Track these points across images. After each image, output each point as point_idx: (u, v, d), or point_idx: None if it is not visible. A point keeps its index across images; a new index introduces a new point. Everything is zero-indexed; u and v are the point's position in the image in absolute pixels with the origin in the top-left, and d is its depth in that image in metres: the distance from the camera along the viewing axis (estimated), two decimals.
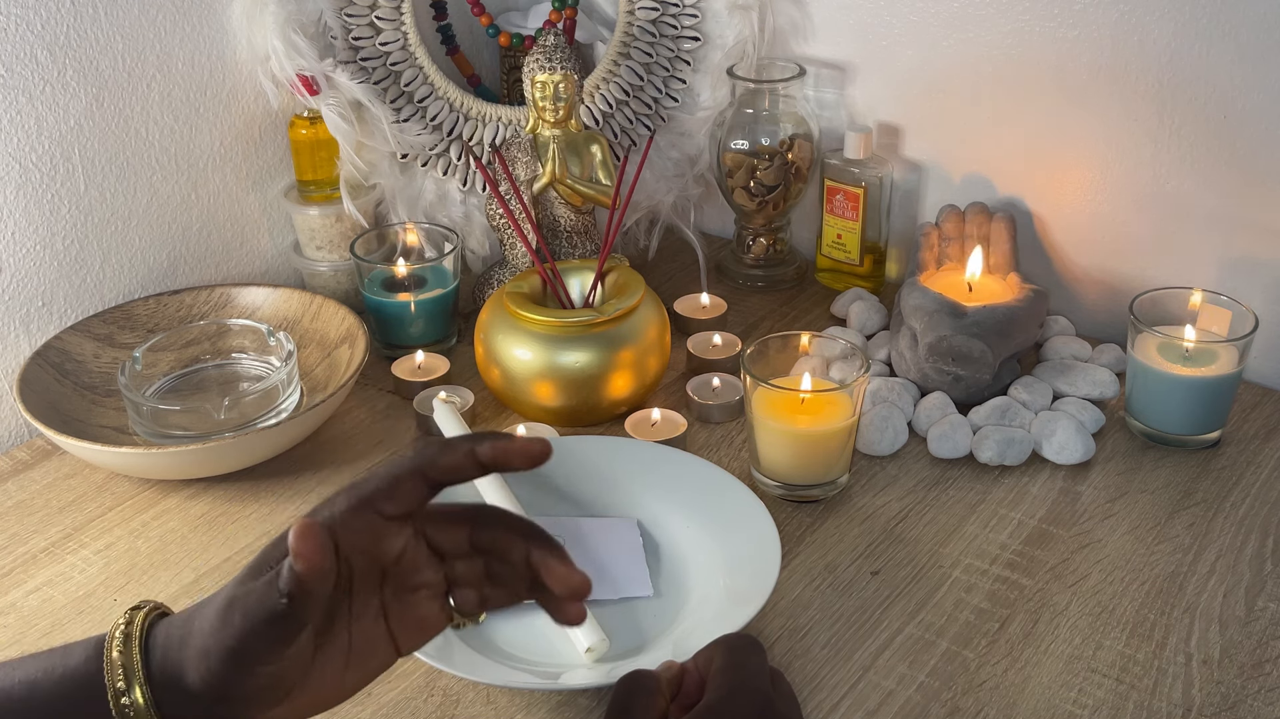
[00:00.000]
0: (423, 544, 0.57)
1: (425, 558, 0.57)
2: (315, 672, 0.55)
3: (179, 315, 1.06)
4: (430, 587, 0.57)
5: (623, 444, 0.93)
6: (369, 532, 0.55)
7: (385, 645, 0.57)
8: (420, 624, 0.58)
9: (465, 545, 0.58)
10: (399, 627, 0.57)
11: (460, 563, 0.58)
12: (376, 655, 0.57)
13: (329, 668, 0.55)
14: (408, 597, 0.57)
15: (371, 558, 0.55)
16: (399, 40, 1.14)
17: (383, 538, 0.55)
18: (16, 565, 0.86)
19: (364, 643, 0.56)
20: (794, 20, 1.21)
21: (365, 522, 0.54)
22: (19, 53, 0.95)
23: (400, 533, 0.56)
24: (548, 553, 0.57)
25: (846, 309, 1.15)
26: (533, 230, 1.06)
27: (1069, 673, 0.76)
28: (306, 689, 0.55)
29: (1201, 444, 0.96)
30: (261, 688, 0.53)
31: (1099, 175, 1.10)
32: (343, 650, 0.56)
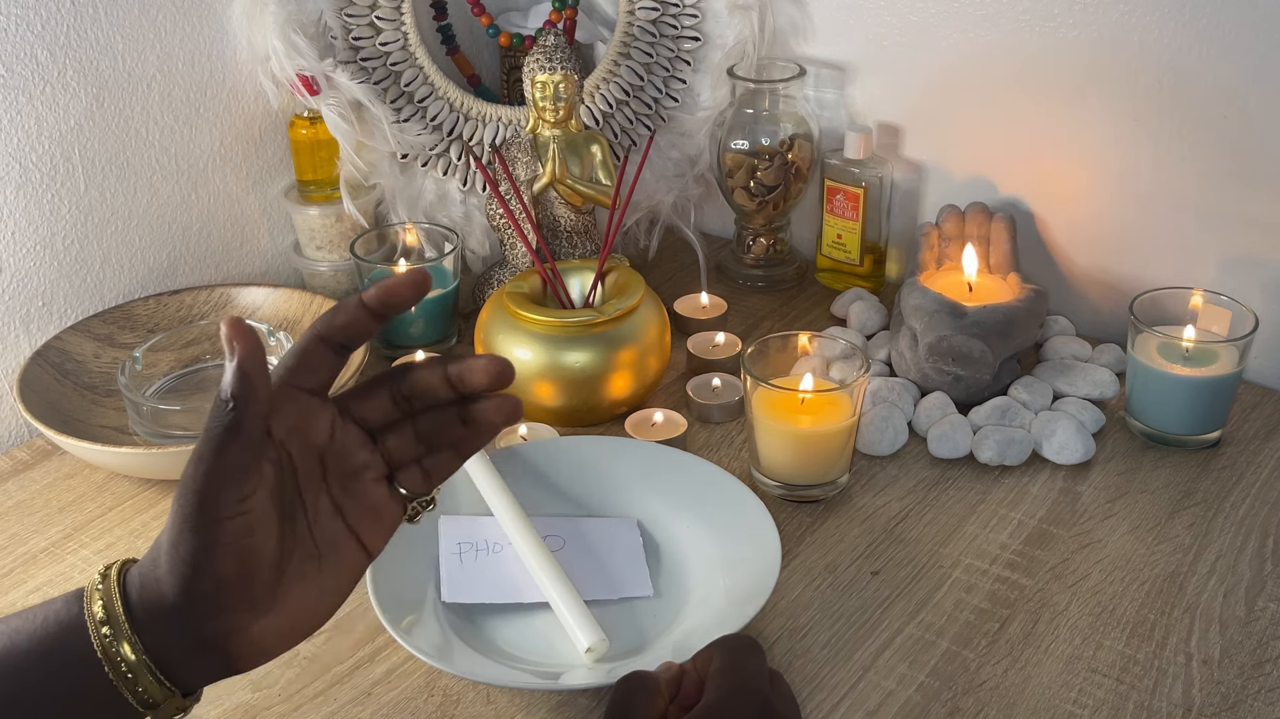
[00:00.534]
0: (350, 424, 0.58)
1: (356, 437, 0.58)
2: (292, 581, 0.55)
3: (179, 315, 1.06)
4: (370, 468, 0.58)
5: (623, 444, 0.93)
6: (293, 409, 0.56)
7: (351, 544, 0.58)
8: (375, 513, 0.58)
9: (390, 408, 0.59)
10: (356, 520, 0.58)
11: (391, 437, 0.59)
12: (347, 557, 0.58)
13: (305, 578, 0.56)
14: (352, 485, 0.58)
15: (304, 438, 0.56)
16: (399, 40, 1.15)
17: (308, 414, 0.56)
18: (16, 565, 0.86)
19: (330, 545, 0.57)
20: (794, 20, 1.21)
21: (287, 400, 0.56)
22: (19, 53, 0.95)
23: (323, 409, 0.57)
24: (461, 360, 0.58)
25: (846, 309, 1.15)
26: (533, 230, 1.06)
27: (1069, 673, 0.76)
28: (288, 600, 0.55)
29: (1201, 444, 0.96)
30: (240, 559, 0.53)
31: (1099, 175, 1.10)
32: (312, 555, 0.56)
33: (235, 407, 0.52)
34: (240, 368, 0.52)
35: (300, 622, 0.56)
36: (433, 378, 0.58)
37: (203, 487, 0.52)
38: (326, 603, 0.57)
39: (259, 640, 0.55)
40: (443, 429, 0.59)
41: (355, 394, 0.59)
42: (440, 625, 0.77)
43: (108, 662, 0.53)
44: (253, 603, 0.54)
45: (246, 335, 0.52)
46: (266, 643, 0.55)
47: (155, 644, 0.54)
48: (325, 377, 0.57)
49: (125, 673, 0.53)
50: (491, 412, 0.59)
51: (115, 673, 0.53)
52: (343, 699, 0.74)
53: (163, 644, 0.54)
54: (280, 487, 0.55)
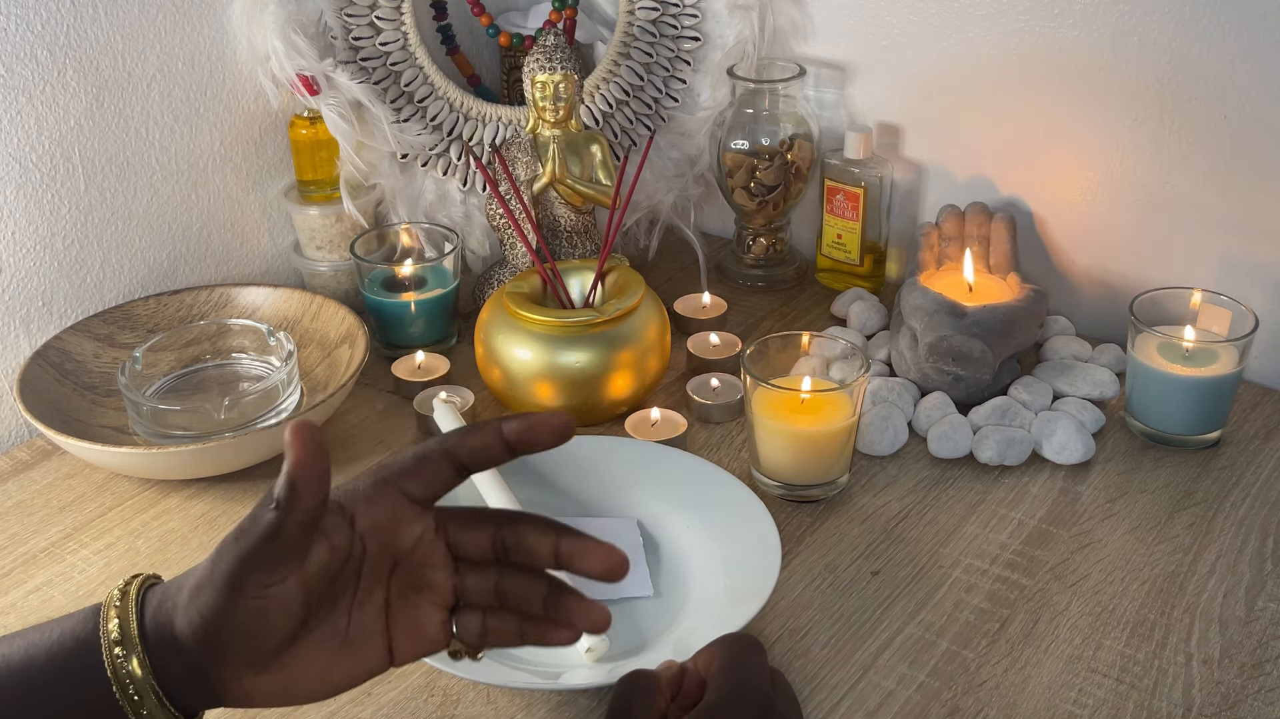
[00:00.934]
0: (441, 543, 0.56)
1: (440, 556, 0.56)
2: (305, 649, 0.55)
3: (179, 315, 1.06)
4: (437, 591, 0.56)
5: (623, 444, 0.93)
6: (388, 509, 0.55)
7: (380, 645, 0.56)
8: (419, 632, 0.57)
9: (486, 548, 0.57)
10: (398, 628, 0.56)
11: (474, 575, 0.57)
12: (369, 654, 0.56)
13: (320, 651, 0.55)
14: (413, 596, 0.56)
15: (386, 539, 0.55)
16: (399, 40, 1.14)
17: (401, 520, 0.55)
18: (16, 565, 0.86)
19: (360, 635, 0.56)
20: (794, 20, 1.21)
21: (386, 498, 0.55)
22: (19, 53, 0.95)
23: (419, 519, 0.56)
24: (579, 539, 0.56)
25: (846, 309, 1.15)
26: (533, 230, 1.06)
27: (1069, 673, 0.76)
28: (291, 665, 0.54)
29: (1201, 444, 0.97)
30: (246, 638, 0.53)
31: (1099, 175, 1.10)
32: (338, 636, 0.55)
33: (277, 511, 0.52)
34: (290, 476, 0.51)
35: (295, 689, 0.55)
36: (542, 542, 0.56)
37: (234, 562, 0.52)
38: (327, 684, 0.56)
39: (250, 692, 0.55)
40: (524, 597, 0.57)
41: (462, 516, 0.57)
42: None
43: (115, 679, 0.53)
44: (253, 665, 0.54)
45: (306, 443, 0.51)
46: (256, 696, 0.55)
47: (160, 667, 0.54)
48: (434, 490, 0.55)
49: (131, 692, 0.53)
50: (578, 613, 0.56)
51: (121, 691, 0.53)
52: (343, 699, 0.74)
53: (166, 669, 0.54)
54: (329, 573, 0.54)
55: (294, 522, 0.52)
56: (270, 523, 0.52)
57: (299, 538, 0.52)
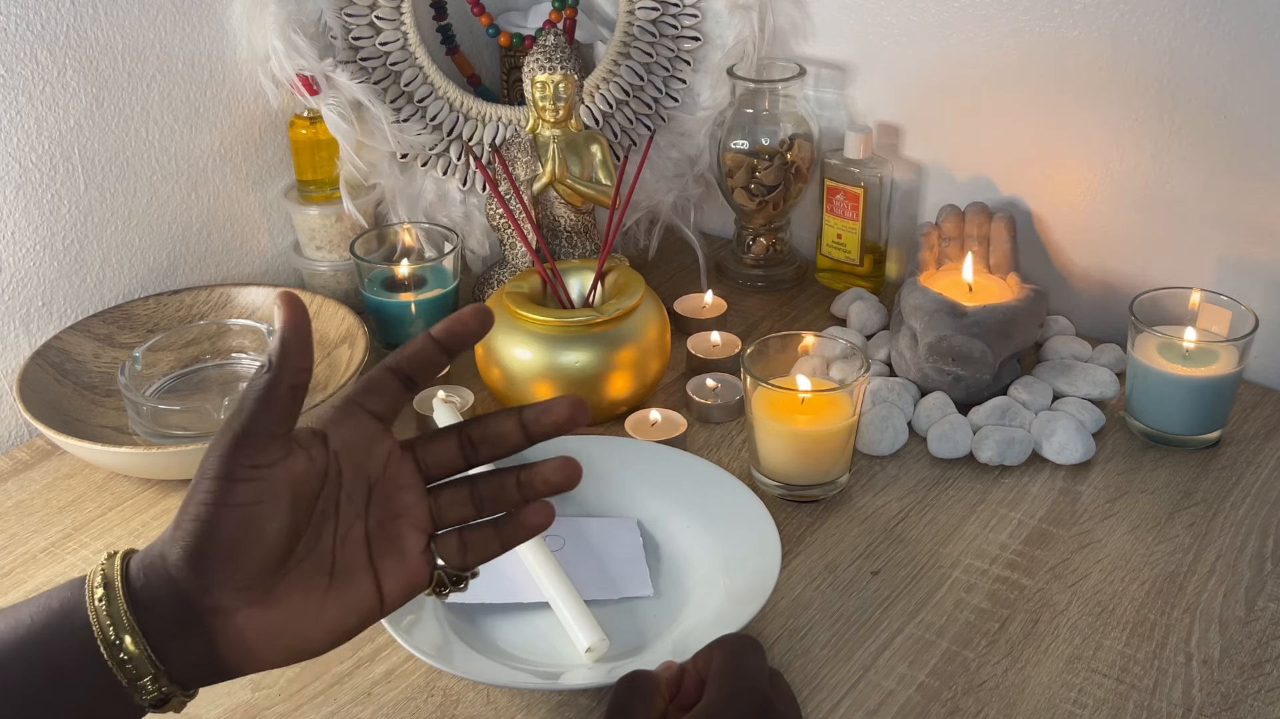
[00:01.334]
0: (409, 462, 0.59)
1: (410, 475, 0.59)
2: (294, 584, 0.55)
3: (179, 315, 1.06)
4: (414, 514, 0.59)
5: (623, 444, 0.93)
6: (354, 426, 0.57)
7: (367, 583, 0.58)
8: (401, 561, 0.58)
9: (455, 455, 0.59)
10: (381, 559, 0.58)
11: (446, 493, 0.59)
12: (358, 592, 0.57)
13: (309, 588, 0.56)
14: (391, 524, 0.58)
15: (359, 459, 0.57)
16: (399, 40, 1.15)
17: (368, 437, 0.58)
18: (16, 565, 0.86)
19: (346, 572, 0.57)
20: (794, 20, 1.21)
21: (350, 416, 0.57)
22: (19, 53, 0.95)
23: (383, 438, 0.58)
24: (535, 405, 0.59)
25: (846, 309, 1.15)
26: (533, 230, 1.06)
27: (1069, 673, 0.76)
28: (283, 601, 0.55)
29: (1201, 444, 0.96)
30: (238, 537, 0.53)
31: (1099, 175, 1.10)
32: (324, 572, 0.57)
33: (270, 371, 0.54)
34: (282, 336, 0.55)
35: (289, 633, 0.56)
36: (506, 423, 0.59)
37: (226, 445, 0.54)
38: (321, 629, 0.57)
39: (244, 631, 0.55)
40: (498, 493, 0.59)
41: (425, 437, 0.60)
42: (440, 625, 0.77)
43: (100, 633, 0.53)
44: (246, 581, 0.54)
45: (293, 309, 0.55)
46: (249, 636, 0.55)
47: (149, 619, 0.54)
48: (390, 403, 0.58)
49: (116, 645, 0.53)
50: (550, 470, 0.59)
51: (106, 645, 0.53)
52: (343, 699, 0.74)
53: (156, 623, 0.54)
54: (310, 485, 0.56)
55: (285, 383, 0.55)
56: (264, 384, 0.54)
57: (289, 402, 0.55)
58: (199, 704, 0.73)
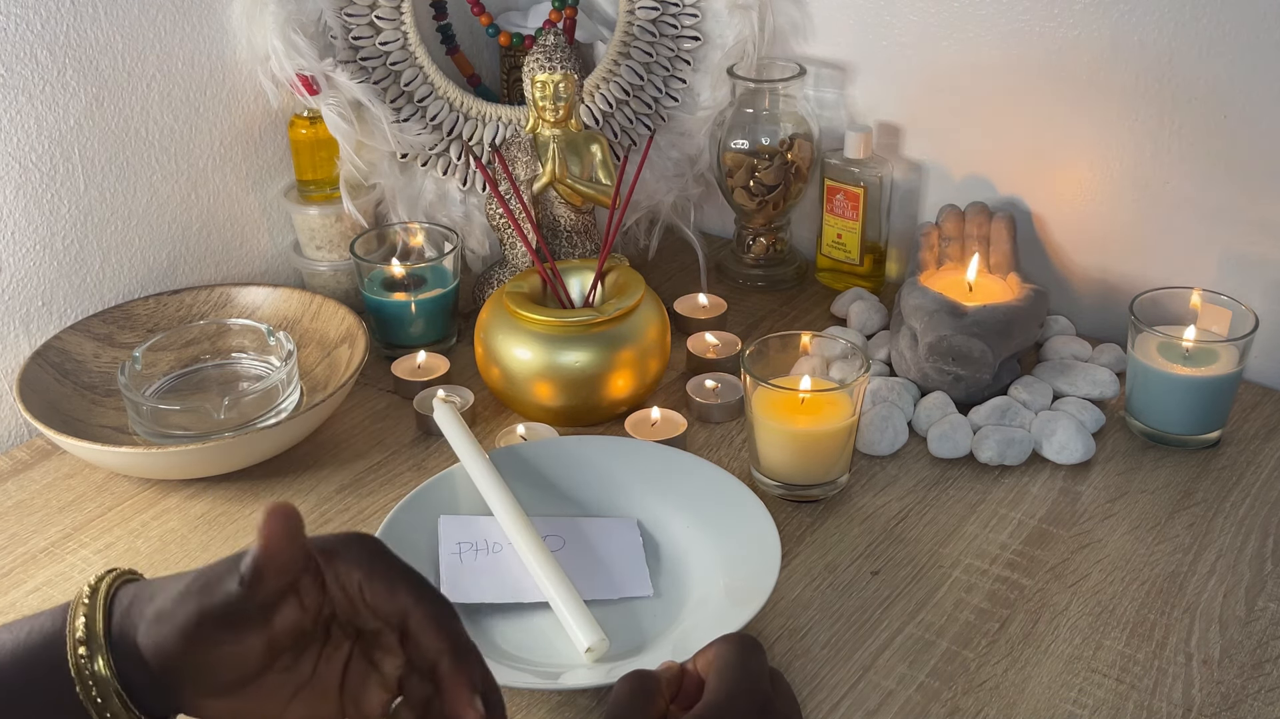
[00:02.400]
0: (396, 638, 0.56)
1: (393, 647, 0.56)
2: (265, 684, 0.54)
3: (179, 315, 1.06)
4: (384, 677, 0.56)
5: (623, 444, 0.93)
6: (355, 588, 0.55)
7: (334, 702, 0.56)
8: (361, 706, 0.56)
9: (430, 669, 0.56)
10: (349, 691, 0.56)
11: (415, 679, 0.56)
12: (326, 703, 0.56)
13: (279, 690, 0.55)
14: (366, 667, 0.56)
15: (352, 610, 0.55)
16: (399, 40, 1.14)
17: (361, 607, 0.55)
18: (16, 565, 0.86)
19: (321, 684, 0.56)
20: (794, 20, 1.21)
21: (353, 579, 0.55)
22: (19, 53, 0.95)
23: None
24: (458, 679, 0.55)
25: (846, 309, 1.15)
26: (533, 230, 1.06)
27: (1069, 673, 0.76)
28: (250, 696, 0.54)
29: (1201, 444, 0.96)
30: (204, 672, 0.52)
31: (1099, 175, 1.10)
32: (300, 682, 0.55)
33: (241, 588, 0.52)
34: (256, 562, 0.52)
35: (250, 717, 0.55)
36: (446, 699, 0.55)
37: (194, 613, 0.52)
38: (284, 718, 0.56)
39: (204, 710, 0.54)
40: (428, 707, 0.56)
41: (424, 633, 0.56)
42: None
43: (78, 678, 0.53)
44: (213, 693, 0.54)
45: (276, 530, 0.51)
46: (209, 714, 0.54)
47: (124, 670, 0.53)
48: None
49: (94, 692, 0.52)
50: None
51: (84, 690, 0.52)
52: None
53: (129, 672, 0.53)
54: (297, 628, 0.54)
55: (257, 602, 0.52)
56: (232, 597, 0.52)
57: (260, 614, 0.52)
58: None
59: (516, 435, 0.97)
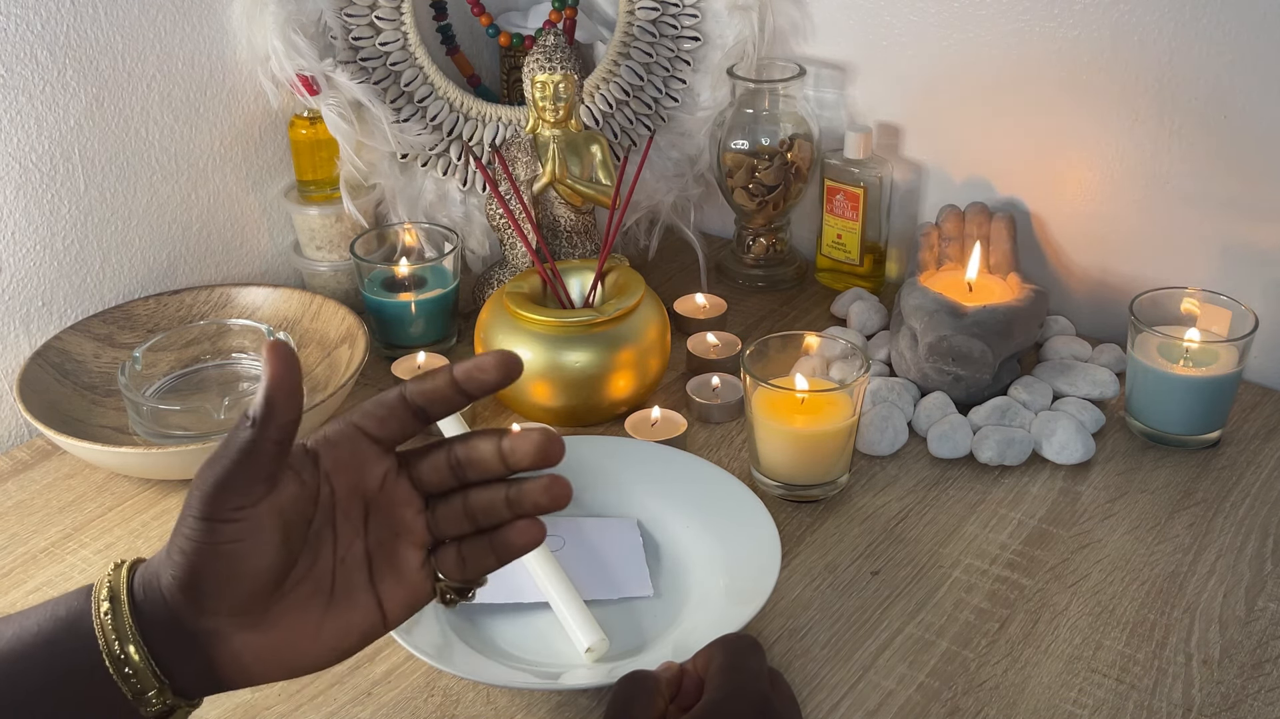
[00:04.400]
0: (404, 481, 0.58)
1: (407, 493, 0.58)
2: (290, 604, 0.55)
3: (179, 315, 1.06)
4: (411, 530, 0.58)
5: (623, 444, 0.93)
6: (350, 448, 0.56)
7: (368, 601, 0.57)
8: (401, 578, 0.57)
9: (446, 473, 0.58)
10: (381, 578, 0.57)
11: (442, 506, 0.58)
12: (358, 611, 0.57)
13: (307, 608, 0.55)
14: (390, 542, 0.57)
15: (353, 479, 0.56)
16: (399, 40, 1.15)
17: (364, 459, 0.56)
18: (16, 565, 0.86)
19: (346, 590, 0.56)
20: (794, 20, 1.21)
21: (347, 438, 0.56)
22: (19, 53, 0.95)
23: (381, 460, 0.57)
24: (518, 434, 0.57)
25: (846, 309, 1.15)
26: (533, 230, 1.06)
27: (1069, 673, 0.76)
28: (279, 622, 0.55)
29: (1201, 444, 0.96)
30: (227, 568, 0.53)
31: (1099, 175, 1.10)
32: (323, 592, 0.56)
33: (253, 428, 0.52)
34: (267, 394, 0.52)
35: (286, 652, 0.56)
36: (487, 447, 0.57)
37: (208, 487, 0.53)
38: (321, 647, 0.56)
39: (240, 653, 0.55)
40: (488, 505, 0.58)
41: (415, 453, 0.58)
42: (440, 625, 0.77)
43: (105, 646, 0.53)
44: (237, 610, 0.54)
45: (282, 361, 0.53)
46: (246, 658, 0.55)
47: (151, 636, 0.54)
48: (393, 432, 0.57)
49: (120, 659, 0.53)
50: (538, 491, 0.57)
51: (111, 658, 0.53)
52: (343, 699, 0.74)
53: (157, 637, 0.54)
54: (301, 510, 0.55)
55: (269, 438, 0.53)
56: (246, 440, 0.52)
57: (273, 456, 0.53)
58: None
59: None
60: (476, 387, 0.56)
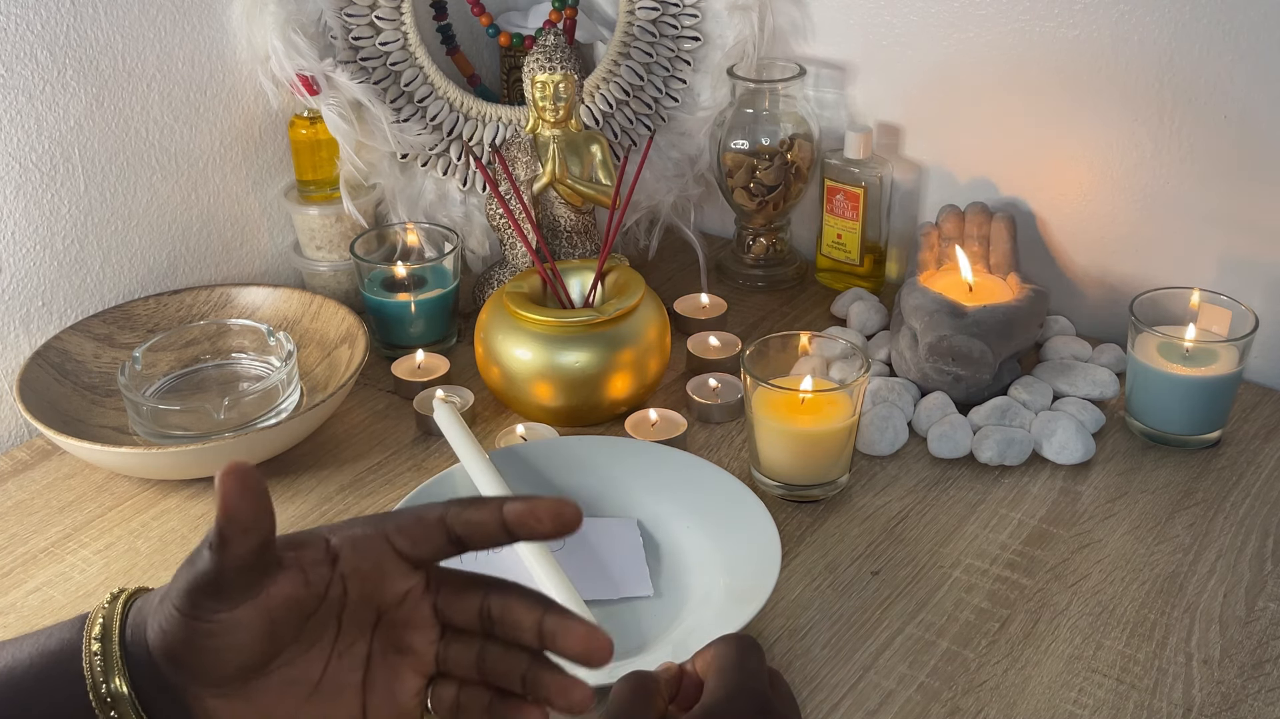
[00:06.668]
0: (428, 606, 0.55)
1: (425, 619, 0.54)
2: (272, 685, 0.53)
3: (179, 315, 1.06)
4: (419, 657, 0.55)
5: (623, 444, 0.93)
6: (375, 558, 0.53)
7: (353, 701, 0.54)
8: (393, 697, 0.55)
9: (474, 615, 0.54)
10: (374, 688, 0.55)
11: (457, 644, 0.55)
12: (341, 708, 0.54)
13: (289, 693, 0.54)
14: (394, 658, 0.55)
15: (370, 589, 0.53)
16: (399, 40, 1.14)
17: (388, 572, 0.53)
18: (16, 565, 0.86)
19: (334, 686, 0.54)
20: (794, 20, 1.21)
21: (374, 546, 0.53)
22: (19, 53, 0.95)
23: (407, 578, 0.54)
24: (563, 617, 0.54)
25: (846, 309, 1.15)
26: (533, 230, 1.06)
27: (1069, 673, 0.76)
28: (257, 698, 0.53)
29: (1201, 444, 0.96)
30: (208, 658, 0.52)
31: (1099, 175, 1.10)
32: (309, 682, 0.54)
33: (211, 555, 0.50)
34: (218, 525, 0.50)
35: None
36: (528, 616, 0.54)
37: (185, 585, 0.51)
38: None
39: (213, 714, 0.53)
40: (504, 671, 0.54)
41: (453, 580, 0.55)
42: None
43: (92, 686, 0.52)
44: (219, 685, 0.53)
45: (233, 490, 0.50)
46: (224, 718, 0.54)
47: (138, 677, 0.53)
48: (425, 554, 0.53)
49: (107, 702, 0.52)
50: (555, 690, 0.53)
51: (97, 697, 0.52)
52: None
53: (141, 678, 0.53)
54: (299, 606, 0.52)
55: (230, 567, 0.50)
56: (207, 565, 0.50)
57: (241, 579, 0.51)
58: None
59: (516, 435, 0.97)
60: (527, 533, 0.52)
